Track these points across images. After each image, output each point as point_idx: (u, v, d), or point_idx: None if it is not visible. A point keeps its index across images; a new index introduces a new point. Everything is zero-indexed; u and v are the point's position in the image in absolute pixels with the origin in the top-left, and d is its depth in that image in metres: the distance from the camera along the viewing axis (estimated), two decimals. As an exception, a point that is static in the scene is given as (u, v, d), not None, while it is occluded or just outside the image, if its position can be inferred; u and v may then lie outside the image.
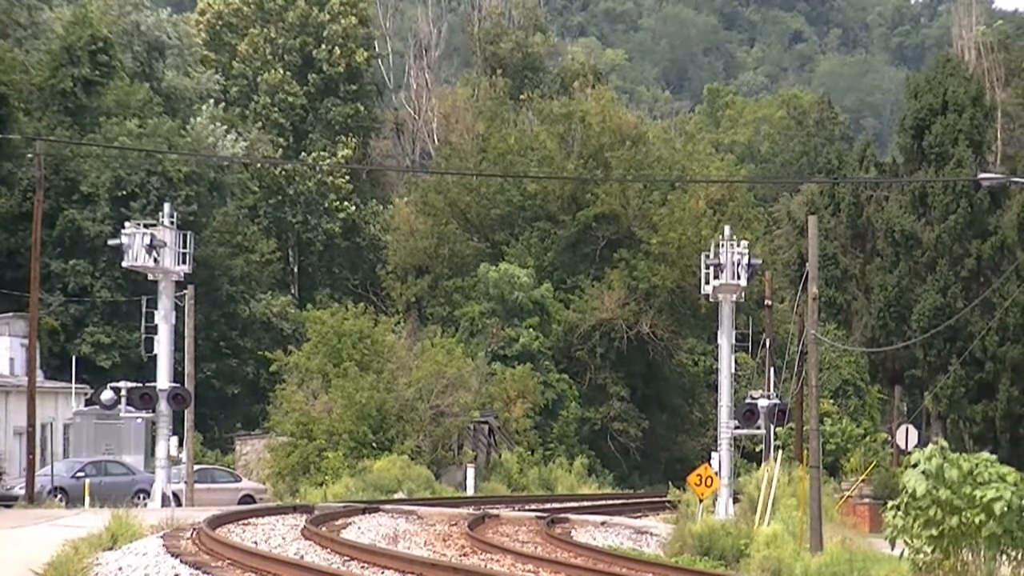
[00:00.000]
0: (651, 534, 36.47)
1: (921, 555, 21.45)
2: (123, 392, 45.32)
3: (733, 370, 46.78)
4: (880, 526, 28.44)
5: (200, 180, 71.72)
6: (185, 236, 46.58)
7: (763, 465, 40.77)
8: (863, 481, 47.74)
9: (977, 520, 20.50)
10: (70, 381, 55.16)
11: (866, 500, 46.23)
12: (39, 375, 50.08)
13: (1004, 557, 21.12)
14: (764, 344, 54.21)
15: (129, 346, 64.20)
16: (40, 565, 23.09)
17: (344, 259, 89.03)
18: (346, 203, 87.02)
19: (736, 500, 43.47)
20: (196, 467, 50.54)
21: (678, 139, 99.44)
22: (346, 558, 24.44)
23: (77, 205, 68.32)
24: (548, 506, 47.22)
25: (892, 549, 22.80)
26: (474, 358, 65.23)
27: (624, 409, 75.58)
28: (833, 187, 76.81)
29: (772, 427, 46.33)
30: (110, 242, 47.18)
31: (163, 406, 45.59)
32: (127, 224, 46.78)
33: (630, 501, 53.38)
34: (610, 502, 51.91)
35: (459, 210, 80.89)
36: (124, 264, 46.21)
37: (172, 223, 45.93)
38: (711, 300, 48.45)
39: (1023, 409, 68.85)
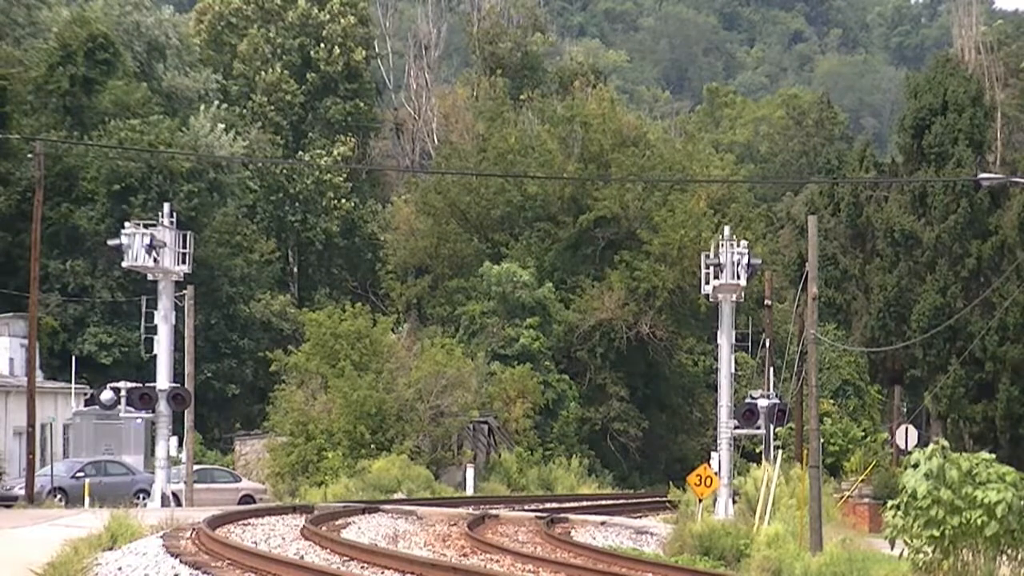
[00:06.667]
0: (651, 534, 36.48)
1: (921, 555, 21.45)
2: (123, 392, 45.37)
3: (733, 370, 46.77)
4: (880, 526, 28.44)
5: (200, 177, 71.73)
6: (185, 236, 46.62)
7: (762, 465, 40.78)
8: (863, 481, 47.73)
9: (978, 520, 20.50)
10: (70, 381, 55.15)
11: (866, 500, 46.22)
12: (39, 375, 50.09)
13: (1004, 557, 21.12)
14: (764, 344, 54.18)
15: (129, 346, 64.20)
16: (40, 565, 23.09)
17: (343, 259, 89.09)
18: (343, 201, 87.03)
19: (736, 500, 43.46)
20: (196, 467, 50.57)
21: (678, 139, 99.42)
22: (346, 558, 24.45)
23: (74, 204, 68.28)
24: (548, 506, 47.24)
25: (892, 549, 22.81)
26: (474, 358, 65.24)
27: (624, 409, 75.55)
28: (833, 187, 76.76)
29: (772, 427, 46.32)
30: (110, 242, 47.16)
31: (163, 406, 45.62)
32: (127, 224, 46.80)
33: (630, 501, 53.38)
34: (610, 502, 51.90)
35: (459, 210, 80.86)
36: (124, 264, 46.25)
37: (172, 223, 45.96)
38: (711, 300, 48.45)
39: (1023, 409, 68.80)
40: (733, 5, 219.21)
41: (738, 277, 45.23)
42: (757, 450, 53.76)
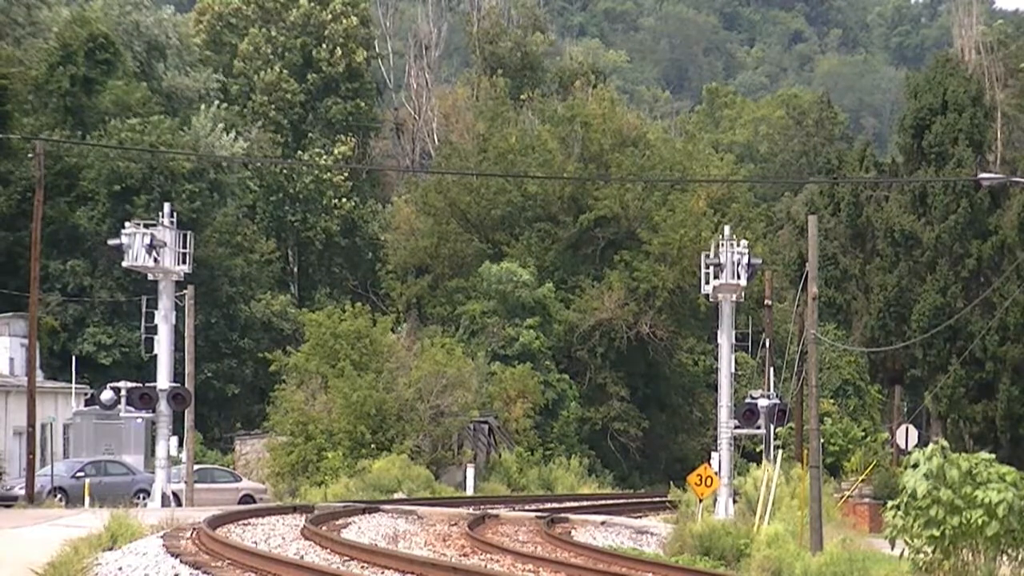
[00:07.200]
0: (651, 534, 36.47)
1: (921, 555, 21.46)
2: (123, 392, 45.36)
3: (733, 370, 46.75)
4: (880, 526, 28.45)
5: (201, 177, 71.76)
6: (185, 236, 46.62)
7: (762, 465, 40.78)
8: (863, 481, 47.73)
9: (979, 520, 20.49)
10: (70, 381, 55.16)
11: (866, 500, 46.22)
12: (39, 375, 50.09)
13: (1004, 557, 21.12)
14: (764, 344, 54.18)
15: (129, 346, 64.23)
16: (40, 565, 23.10)
17: (344, 258, 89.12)
18: (343, 200, 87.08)
19: (736, 500, 43.46)
20: (196, 467, 50.56)
21: (678, 139, 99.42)
22: (346, 558, 24.45)
23: (74, 204, 68.30)
24: (548, 506, 47.23)
25: (892, 549, 22.81)
26: (474, 358, 65.22)
27: (624, 409, 75.56)
28: (833, 187, 76.73)
29: (772, 427, 46.31)
30: (110, 242, 47.20)
31: (163, 406, 45.61)
32: (127, 224, 46.82)
33: (630, 501, 53.37)
34: (610, 502, 51.89)
35: (459, 210, 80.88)
36: (124, 264, 46.27)
37: (172, 223, 45.97)
38: (711, 300, 48.44)
39: (1023, 409, 68.79)
40: (733, 5, 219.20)
41: (738, 277, 45.20)
42: (757, 450, 53.78)
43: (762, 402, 45.27)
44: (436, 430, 57.92)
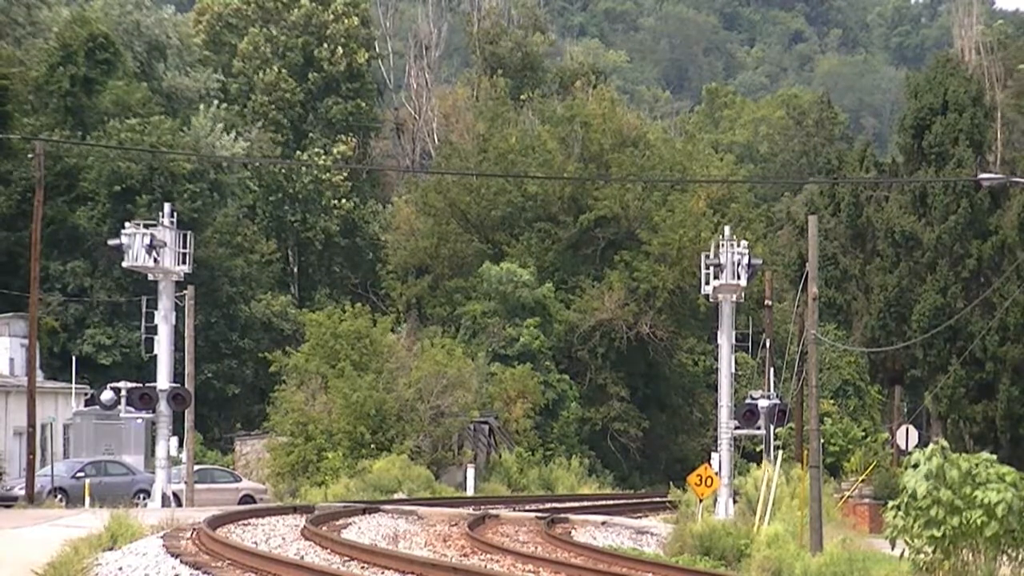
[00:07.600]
0: (651, 534, 36.48)
1: (921, 555, 21.47)
2: (123, 392, 45.37)
3: (733, 370, 46.75)
4: (880, 526, 28.47)
5: (202, 177, 71.77)
6: (185, 236, 46.62)
7: (762, 465, 40.80)
8: (863, 481, 47.75)
9: (978, 520, 20.50)
10: (70, 381, 55.17)
11: (866, 500, 46.24)
12: (39, 375, 50.10)
13: (1004, 557, 21.14)
14: (764, 344, 54.20)
15: (129, 346, 64.25)
16: (40, 565, 23.11)
17: (344, 258, 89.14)
18: (343, 200, 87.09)
19: (736, 500, 43.47)
20: (196, 467, 50.58)
21: (678, 139, 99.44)
22: (346, 558, 24.45)
23: (74, 204, 68.32)
24: (548, 506, 47.21)
25: (892, 549, 22.81)
26: (474, 358, 65.22)
27: (624, 409, 75.58)
28: (833, 187, 76.75)
29: (772, 427, 46.32)
30: (110, 242, 47.19)
31: (163, 406, 45.62)
32: (127, 224, 46.81)
33: (630, 501, 53.38)
34: (610, 502, 51.91)
35: (459, 210, 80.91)
36: (124, 264, 46.27)
37: (172, 223, 45.97)
38: (711, 300, 48.45)
39: (1023, 409, 68.80)
40: (733, 5, 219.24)
41: (738, 277, 45.21)
42: (757, 450, 53.80)
43: (762, 402, 45.27)
44: (436, 430, 57.92)
